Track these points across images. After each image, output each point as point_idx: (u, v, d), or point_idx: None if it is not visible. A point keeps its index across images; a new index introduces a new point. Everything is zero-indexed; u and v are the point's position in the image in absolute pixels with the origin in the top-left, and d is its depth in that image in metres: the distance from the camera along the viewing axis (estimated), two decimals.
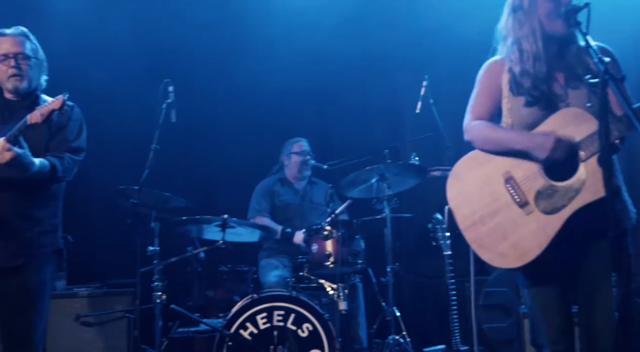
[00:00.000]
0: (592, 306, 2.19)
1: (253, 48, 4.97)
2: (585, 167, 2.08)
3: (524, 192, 2.18)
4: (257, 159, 4.94)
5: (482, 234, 2.24)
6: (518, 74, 2.25)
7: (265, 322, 3.45)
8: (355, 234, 3.78)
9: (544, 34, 2.22)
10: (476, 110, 2.37)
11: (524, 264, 2.15)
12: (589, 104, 2.10)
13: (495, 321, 4.25)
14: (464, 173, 2.35)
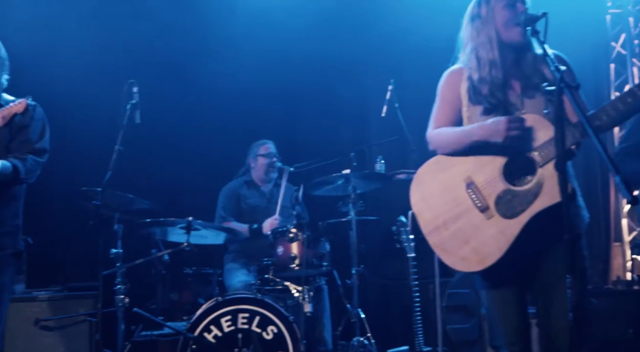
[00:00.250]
0: (549, 307, 2.25)
1: (219, 49, 4.96)
2: (542, 172, 2.13)
3: (485, 197, 2.23)
4: (223, 161, 4.93)
5: (444, 238, 2.28)
6: (476, 81, 2.31)
7: (229, 325, 3.43)
8: (320, 237, 3.79)
9: (501, 42, 2.27)
10: (438, 121, 2.43)
11: (484, 268, 2.20)
12: (545, 110, 2.16)
13: (458, 322, 4.32)
14: (426, 178, 2.39)
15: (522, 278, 2.30)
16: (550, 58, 1.99)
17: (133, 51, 4.81)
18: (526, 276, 2.30)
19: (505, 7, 2.27)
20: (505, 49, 2.30)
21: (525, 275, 2.30)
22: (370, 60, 5.27)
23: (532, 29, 2.12)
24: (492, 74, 2.28)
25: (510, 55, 2.31)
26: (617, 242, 6.07)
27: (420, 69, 4.81)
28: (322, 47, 5.00)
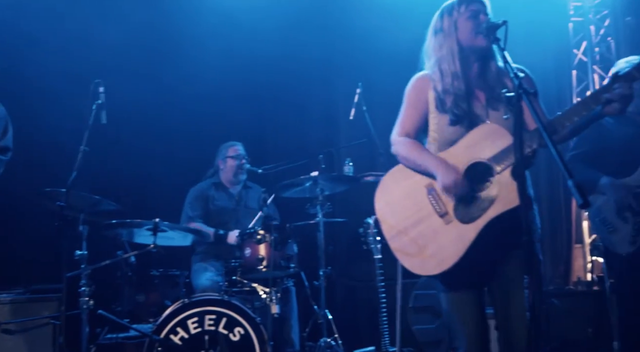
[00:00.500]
0: (508, 309, 2.32)
1: (188, 49, 4.94)
2: (499, 179, 2.20)
3: (444, 203, 2.29)
4: (190, 162, 4.90)
5: (405, 243, 2.34)
6: (440, 92, 2.38)
7: (196, 326, 3.42)
8: (288, 238, 3.81)
9: (462, 54, 2.35)
10: (404, 125, 2.48)
11: (442, 272, 2.25)
12: (505, 116, 2.23)
13: (424, 323, 4.38)
14: (391, 185, 2.44)
15: (480, 281, 2.37)
16: (509, 65, 2.05)
17: (99, 51, 4.76)
18: (484, 279, 2.37)
19: (469, 18, 2.35)
20: (468, 60, 2.38)
21: (483, 278, 2.36)
22: (339, 63, 5.32)
23: (494, 36, 2.19)
24: (454, 85, 2.35)
25: (473, 66, 2.39)
26: (578, 244, 6.24)
27: (388, 72, 4.87)
28: (291, 49, 5.03)
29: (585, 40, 6.23)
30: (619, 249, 3.27)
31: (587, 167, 3.39)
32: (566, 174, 1.66)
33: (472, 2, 2.36)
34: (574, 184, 1.63)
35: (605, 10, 6.13)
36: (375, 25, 5.01)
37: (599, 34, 6.20)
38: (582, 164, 3.42)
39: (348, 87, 4.53)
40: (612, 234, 3.30)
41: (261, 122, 5.38)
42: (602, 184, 3.28)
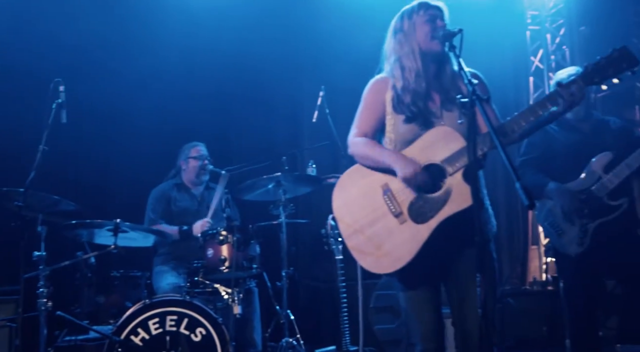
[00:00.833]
0: (462, 306, 2.40)
1: (151, 48, 4.91)
2: (451, 180, 2.28)
3: (399, 203, 2.36)
4: (152, 163, 4.86)
5: (361, 241, 2.39)
6: (400, 89, 2.45)
7: (157, 327, 3.40)
8: (251, 239, 3.82)
9: (422, 54, 2.43)
10: (360, 126, 2.55)
11: (396, 270, 2.32)
12: (459, 121, 2.32)
13: (385, 322, 4.46)
14: (348, 185, 2.49)
15: (436, 280, 2.45)
16: (464, 71, 2.14)
17: (60, 49, 4.68)
18: (440, 278, 2.45)
19: (426, 21, 2.44)
20: (426, 60, 2.45)
21: (438, 277, 2.44)
22: (303, 64, 5.36)
23: (450, 44, 2.28)
24: (416, 82, 2.43)
25: (431, 66, 2.47)
26: (534, 246, 6.44)
27: (351, 75, 4.93)
28: (255, 50, 5.05)
29: (542, 48, 6.45)
30: (569, 251, 3.40)
31: (536, 173, 3.52)
32: (514, 176, 1.74)
33: (430, 7, 2.46)
34: (521, 186, 1.71)
35: (560, 20, 6.35)
36: (339, 28, 5.09)
37: (555, 43, 6.42)
38: (531, 169, 3.55)
39: (312, 89, 4.57)
40: (561, 237, 3.42)
41: (225, 123, 5.38)
42: (549, 189, 3.41)
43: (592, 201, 3.33)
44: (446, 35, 2.31)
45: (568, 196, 3.34)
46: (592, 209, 3.32)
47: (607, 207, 3.31)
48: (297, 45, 5.21)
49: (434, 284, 2.45)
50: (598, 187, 3.33)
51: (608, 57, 2.19)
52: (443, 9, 2.48)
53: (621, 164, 3.29)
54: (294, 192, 4.17)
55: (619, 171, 3.29)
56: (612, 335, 4.93)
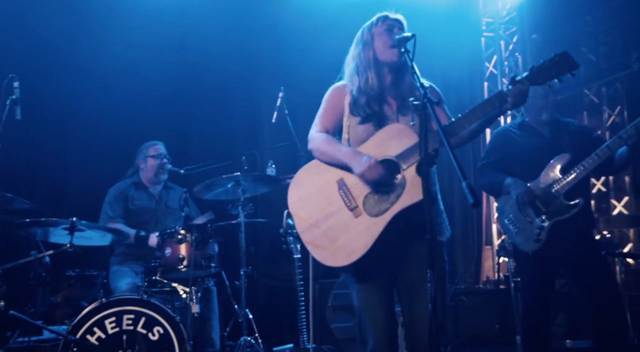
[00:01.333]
0: (413, 303, 2.48)
1: (110, 46, 4.85)
2: (405, 175, 2.36)
3: (354, 197, 2.42)
4: (110, 161, 4.82)
5: (316, 235, 2.44)
6: (356, 92, 2.56)
7: (114, 326, 3.38)
8: (209, 238, 3.82)
9: (378, 63, 2.56)
10: (322, 123, 2.64)
11: (351, 263, 2.36)
12: (412, 122, 2.41)
13: (342, 321, 4.53)
14: (304, 180, 2.56)
15: (388, 278, 2.51)
16: (417, 75, 2.24)
17: (17, 46, 4.60)
18: (392, 276, 2.52)
19: (384, 31, 2.56)
20: (383, 70, 2.58)
21: (391, 275, 2.51)
22: (263, 65, 5.39)
23: (404, 48, 2.37)
24: (368, 85, 2.53)
25: (388, 76, 2.59)
26: (487, 246, 6.63)
27: (310, 77, 5.01)
28: (216, 49, 5.05)
29: (496, 54, 6.65)
30: (526, 248, 3.50)
31: (495, 172, 3.65)
32: (460, 175, 1.83)
33: (388, 19, 2.59)
34: (467, 185, 1.80)
35: (513, 27, 6.58)
36: (298, 29, 5.14)
37: (508, 49, 6.64)
38: (491, 170, 3.68)
39: (272, 89, 4.62)
40: (519, 234, 3.53)
41: (184, 122, 5.36)
42: (507, 183, 3.53)
43: (550, 200, 3.45)
44: (400, 40, 2.41)
45: (523, 187, 3.46)
46: (549, 208, 3.45)
47: (563, 206, 3.42)
48: (256, 45, 5.24)
49: (387, 282, 2.51)
50: (556, 187, 3.46)
51: (551, 60, 2.33)
52: (402, 21, 2.60)
53: (579, 166, 3.40)
54: (253, 192, 4.21)
55: (576, 172, 3.41)
56: (561, 332, 5.14)
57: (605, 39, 6.00)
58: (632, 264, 5.67)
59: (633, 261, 5.63)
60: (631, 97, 5.69)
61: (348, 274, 2.52)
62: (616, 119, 5.89)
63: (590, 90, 6.12)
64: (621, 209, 5.84)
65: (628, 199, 5.82)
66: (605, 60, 5.96)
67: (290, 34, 5.23)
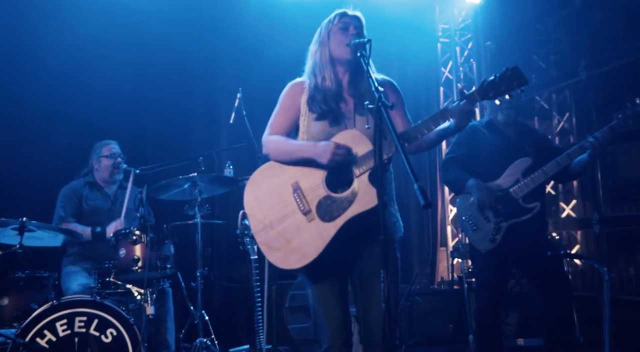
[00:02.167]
0: (367, 302, 2.52)
1: (63, 42, 4.74)
2: (358, 182, 2.40)
3: (308, 201, 2.45)
4: (62, 160, 4.71)
5: (270, 237, 2.47)
6: (312, 89, 2.58)
7: (65, 329, 3.29)
8: (165, 239, 3.78)
9: (333, 61, 2.59)
10: (274, 127, 2.65)
11: (303, 266, 2.40)
12: (367, 126, 2.45)
13: (299, 322, 4.55)
14: (260, 181, 2.57)
15: (343, 278, 2.55)
16: (372, 79, 2.27)
17: None
18: (346, 275, 2.56)
19: (339, 30, 2.58)
20: (339, 67, 2.60)
21: (346, 275, 2.55)
22: (222, 65, 5.37)
23: (360, 53, 2.41)
24: (325, 84, 2.56)
25: (345, 74, 2.61)
26: (442, 247, 6.77)
27: (268, 78, 5.01)
28: (174, 48, 5.00)
29: (452, 60, 6.81)
30: (480, 247, 3.61)
31: (459, 169, 3.74)
32: (412, 178, 1.87)
33: (345, 16, 2.61)
34: (418, 187, 1.85)
35: (469, 34, 6.74)
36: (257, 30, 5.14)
37: (464, 55, 6.80)
38: (454, 166, 3.76)
39: (230, 90, 4.60)
40: (475, 233, 3.63)
41: (140, 121, 5.27)
42: (469, 185, 3.62)
43: (508, 202, 3.55)
44: (356, 45, 2.43)
45: (486, 191, 3.56)
46: (507, 209, 3.55)
47: (521, 209, 3.54)
48: (215, 46, 5.20)
49: (342, 281, 2.55)
50: (515, 189, 3.57)
51: (502, 76, 2.37)
52: (359, 18, 2.62)
53: (538, 170, 3.53)
54: (210, 193, 4.19)
55: (535, 176, 3.53)
56: (512, 331, 5.30)
57: (555, 47, 6.21)
58: (579, 265, 5.88)
59: (579, 262, 5.85)
60: (579, 104, 5.90)
61: (303, 276, 2.55)
62: (565, 125, 6.10)
63: (541, 97, 6.32)
64: (569, 212, 6.04)
65: (576, 202, 6.03)
66: (556, 68, 6.18)
67: (250, 33, 5.22)
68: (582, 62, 5.61)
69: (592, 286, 5.71)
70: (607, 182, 5.57)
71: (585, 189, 5.91)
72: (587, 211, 5.80)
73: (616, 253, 5.49)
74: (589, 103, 5.64)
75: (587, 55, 5.59)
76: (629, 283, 5.44)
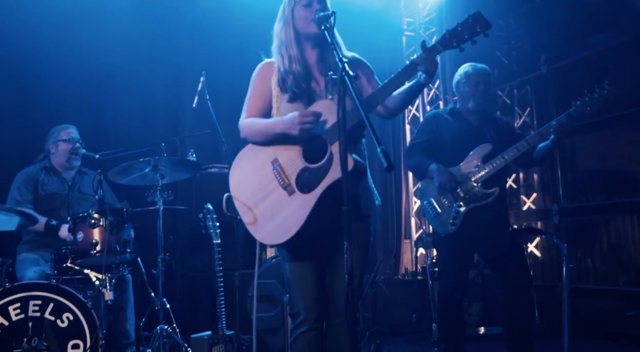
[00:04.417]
0: (334, 273, 2.53)
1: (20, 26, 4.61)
2: (332, 150, 2.40)
3: (287, 175, 2.45)
4: (18, 145, 4.57)
5: (255, 216, 2.47)
6: (282, 73, 2.56)
7: (18, 313, 3.18)
8: (125, 222, 3.69)
9: (299, 40, 2.56)
10: (249, 111, 2.63)
11: (287, 239, 2.40)
12: (330, 97, 2.45)
13: (263, 311, 4.51)
14: (242, 163, 2.57)
15: (321, 252, 2.53)
16: (336, 51, 2.26)
17: None
18: (325, 251, 2.54)
19: (303, 6, 2.55)
20: (306, 45, 2.58)
21: (325, 250, 2.53)
22: (185, 50, 5.29)
23: (325, 25, 2.39)
24: (293, 67, 2.54)
25: (313, 52, 2.59)
26: (406, 239, 6.82)
27: (232, 62, 4.97)
28: (135, 32, 4.90)
29: (416, 53, 6.84)
30: (442, 230, 3.64)
31: (422, 155, 3.77)
32: (375, 141, 1.88)
33: None
34: (381, 151, 1.86)
35: (433, 28, 6.82)
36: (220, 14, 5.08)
37: None
38: (418, 151, 3.80)
39: (194, 76, 4.53)
40: (437, 217, 3.66)
41: (100, 105, 5.15)
42: (431, 169, 3.66)
43: (468, 187, 3.60)
44: (320, 18, 2.42)
45: (447, 175, 3.59)
46: (466, 194, 3.59)
47: (480, 194, 3.58)
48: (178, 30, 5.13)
49: (321, 258, 2.54)
50: (475, 174, 3.62)
51: (464, 23, 2.36)
52: None
53: (498, 156, 3.59)
54: (172, 178, 4.11)
55: (495, 162, 3.59)
56: (474, 320, 5.36)
57: (517, 43, 6.34)
58: (539, 256, 6.01)
59: (538, 250, 5.98)
60: (540, 99, 6.03)
61: (283, 250, 2.54)
62: (526, 119, 6.22)
63: (503, 92, 6.44)
64: (530, 205, 6.17)
65: (536, 195, 6.15)
66: (517, 64, 6.30)
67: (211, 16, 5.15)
68: (542, 56, 5.73)
69: (552, 275, 5.84)
70: (566, 176, 5.72)
71: (545, 182, 6.05)
72: (547, 203, 5.92)
73: (575, 244, 5.63)
74: (549, 98, 5.78)
75: (547, 49, 5.72)
76: (586, 273, 5.58)
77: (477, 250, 3.84)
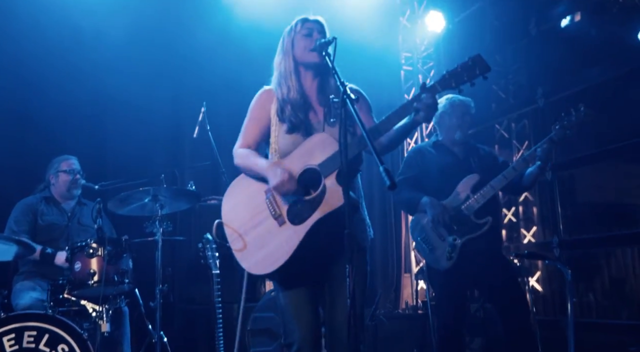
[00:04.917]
0: (334, 304, 2.49)
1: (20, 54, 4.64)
2: (325, 183, 2.39)
3: (279, 206, 2.45)
4: (18, 175, 4.55)
5: (245, 244, 2.46)
6: (281, 101, 2.57)
7: (12, 344, 3.11)
8: (123, 252, 3.65)
9: (298, 69, 2.59)
10: (245, 138, 2.63)
11: (275, 270, 2.37)
12: (332, 119, 2.45)
13: (261, 345, 4.42)
14: (236, 190, 2.58)
15: (315, 282, 2.51)
16: (337, 75, 2.28)
17: None
18: (318, 279, 2.52)
19: (304, 36, 2.59)
20: (306, 75, 2.60)
21: (316, 277, 2.51)
22: (186, 81, 5.33)
23: (325, 52, 2.42)
24: (290, 95, 2.55)
25: (313, 82, 2.61)
26: (406, 274, 6.75)
27: (232, 93, 5.01)
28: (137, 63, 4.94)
29: (414, 87, 6.96)
30: (438, 266, 3.60)
31: (411, 190, 3.76)
32: (378, 161, 1.87)
33: (308, 21, 2.62)
34: (384, 169, 1.85)
35: (431, 62, 6.92)
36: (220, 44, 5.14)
37: None
38: (407, 187, 3.79)
39: (194, 106, 4.56)
40: (432, 252, 3.63)
41: (101, 136, 5.16)
42: (423, 202, 3.64)
43: (461, 219, 3.58)
44: (322, 45, 2.44)
45: (440, 208, 3.58)
46: (460, 226, 3.57)
47: (473, 224, 3.57)
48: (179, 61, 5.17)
49: (314, 285, 2.51)
50: (466, 205, 3.60)
51: (463, 65, 2.36)
52: (322, 22, 2.64)
53: (487, 186, 3.59)
54: (171, 208, 4.09)
55: (485, 192, 3.59)
56: None
57: (514, 77, 6.42)
58: (540, 290, 5.94)
59: (539, 284, 5.91)
60: (537, 132, 6.07)
61: (275, 280, 2.53)
62: (524, 152, 6.25)
63: (500, 125, 6.48)
64: (530, 238, 6.14)
65: (536, 228, 6.13)
66: (514, 98, 6.37)
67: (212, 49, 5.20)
68: (539, 89, 5.79)
69: (554, 310, 5.77)
70: (565, 208, 5.70)
71: (545, 215, 6.03)
72: (547, 236, 5.89)
73: (576, 278, 5.57)
74: (547, 131, 5.78)
75: (544, 83, 5.78)
76: (588, 307, 5.51)
77: (473, 282, 3.79)
